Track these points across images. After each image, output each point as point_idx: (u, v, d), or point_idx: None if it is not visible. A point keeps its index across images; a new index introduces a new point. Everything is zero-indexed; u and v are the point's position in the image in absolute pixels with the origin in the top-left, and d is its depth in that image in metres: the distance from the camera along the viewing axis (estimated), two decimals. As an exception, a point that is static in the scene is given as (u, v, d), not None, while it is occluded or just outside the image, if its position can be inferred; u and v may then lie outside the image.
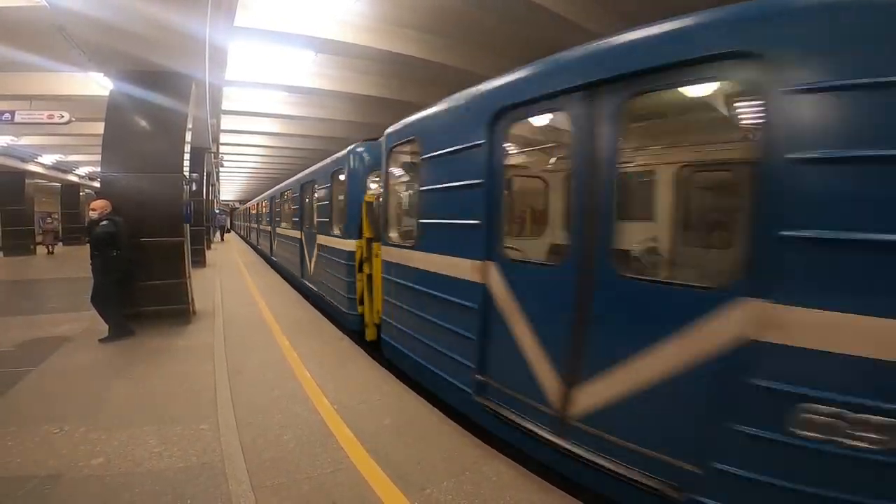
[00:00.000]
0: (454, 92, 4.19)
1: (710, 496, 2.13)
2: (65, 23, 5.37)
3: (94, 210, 6.07)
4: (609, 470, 2.54)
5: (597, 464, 2.61)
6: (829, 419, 1.80)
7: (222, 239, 30.03)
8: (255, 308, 8.28)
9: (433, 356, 4.15)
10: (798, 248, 1.88)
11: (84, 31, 5.47)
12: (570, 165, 2.87)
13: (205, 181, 16.22)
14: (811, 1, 1.95)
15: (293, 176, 13.22)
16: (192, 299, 7.51)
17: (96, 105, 9.13)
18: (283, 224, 13.08)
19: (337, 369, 5.00)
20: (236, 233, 38.96)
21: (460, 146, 3.70)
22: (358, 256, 6.26)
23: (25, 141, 16.33)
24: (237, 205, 48.11)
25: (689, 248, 4.54)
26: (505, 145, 3.43)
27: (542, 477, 3.00)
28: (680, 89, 2.72)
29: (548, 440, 2.92)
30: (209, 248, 18.49)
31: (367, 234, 6.04)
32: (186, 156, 7.38)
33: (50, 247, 20.76)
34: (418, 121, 4.59)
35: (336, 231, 7.30)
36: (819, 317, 1.82)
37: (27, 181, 20.35)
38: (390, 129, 5.15)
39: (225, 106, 12.19)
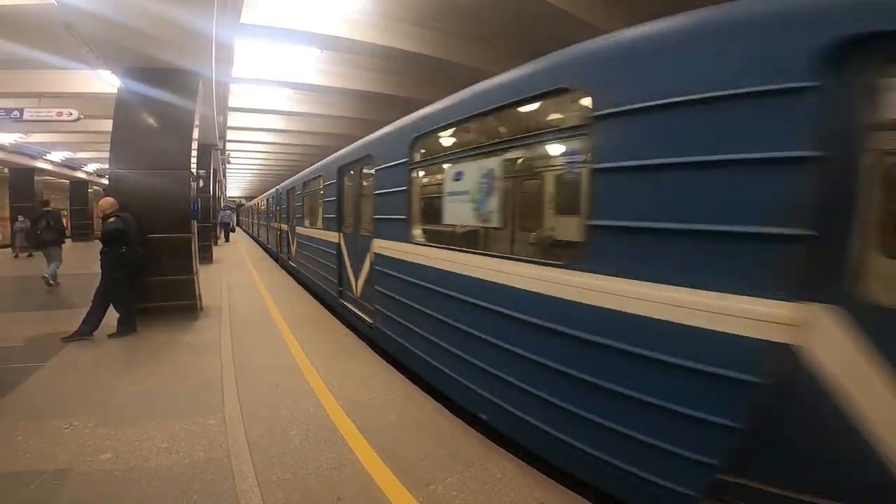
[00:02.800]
0: (461, 87, 3.81)
1: None
2: (72, 20, 5.40)
3: (101, 208, 6.15)
4: None
5: None
6: None
7: (227, 239, 24.93)
8: (261, 303, 8.32)
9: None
10: None
11: (91, 28, 5.50)
12: None
13: (212, 178, 16.29)
14: None
15: (297, 173, 12.85)
16: (200, 295, 7.56)
17: (104, 102, 9.21)
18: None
19: (342, 365, 5.02)
20: (243, 229, 38.54)
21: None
22: None
23: (35, 138, 16.46)
24: (243, 201, 47.68)
25: None
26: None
27: (546, 474, 3.00)
28: None
29: None
30: (216, 244, 18.57)
31: None
32: (194, 152, 7.42)
33: (20, 250, 16.46)
34: None
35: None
36: None
37: (36, 178, 20.53)
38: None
39: (231, 103, 12.24)
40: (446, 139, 4.73)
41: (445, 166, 4.53)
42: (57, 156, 20.53)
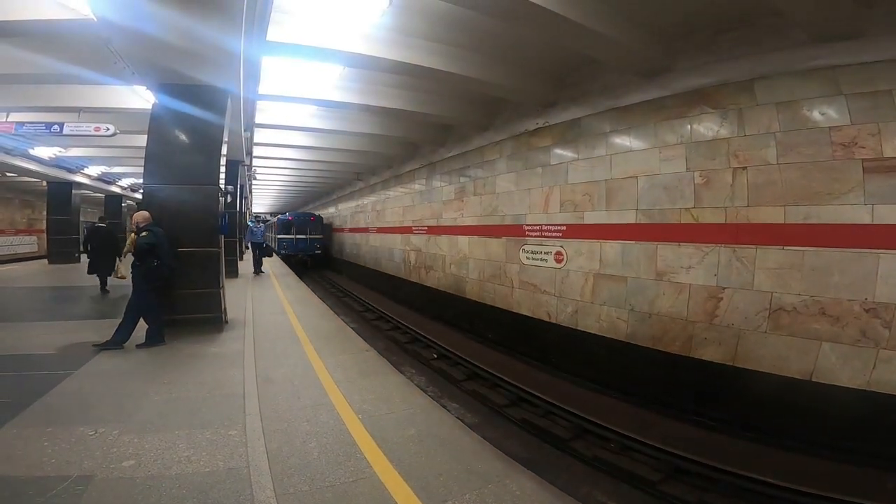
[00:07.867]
0: (479, 104, 4.06)
1: None
2: (110, 35, 5.60)
3: (136, 221, 6.33)
4: None
5: None
6: None
7: (258, 270, 16.30)
8: (284, 318, 8.42)
9: None
10: None
11: (128, 43, 5.70)
12: None
13: (238, 193, 16.64)
14: None
15: (324, 190, 13.53)
16: (225, 308, 7.68)
17: (138, 118, 9.49)
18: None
19: (362, 379, 5.03)
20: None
21: None
22: None
23: (72, 153, 17.05)
24: (268, 217, 47.62)
25: None
26: None
27: (567, 492, 2.94)
28: None
29: None
30: (241, 259, 18.88)
31: None
32: (222, 168, 7.60)
33: None
34: None
35: None
36: None
37: (73, 192, 21.23)
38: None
39: (258, 119, 12.51)
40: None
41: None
42: (94, 170, 21.18)
